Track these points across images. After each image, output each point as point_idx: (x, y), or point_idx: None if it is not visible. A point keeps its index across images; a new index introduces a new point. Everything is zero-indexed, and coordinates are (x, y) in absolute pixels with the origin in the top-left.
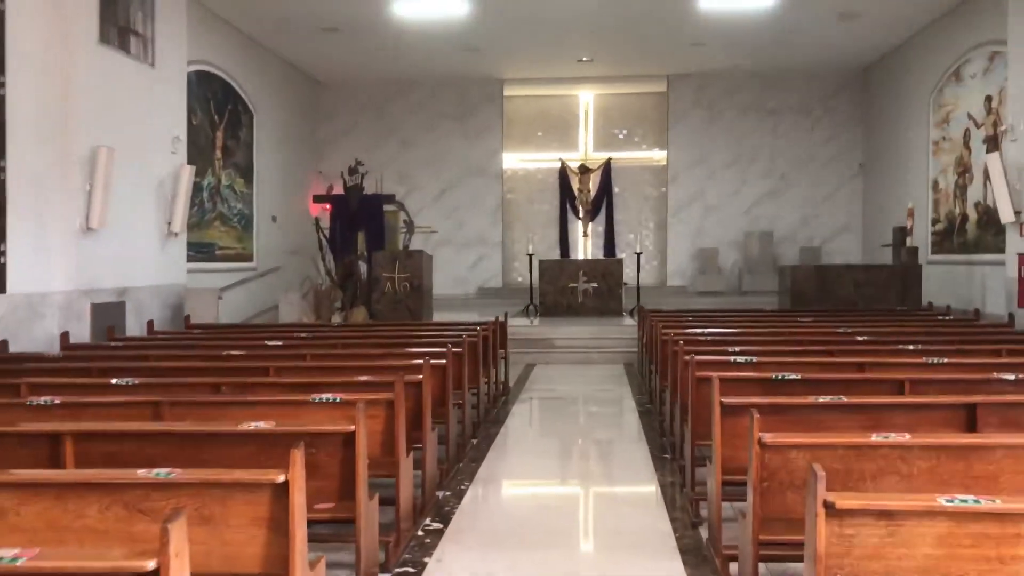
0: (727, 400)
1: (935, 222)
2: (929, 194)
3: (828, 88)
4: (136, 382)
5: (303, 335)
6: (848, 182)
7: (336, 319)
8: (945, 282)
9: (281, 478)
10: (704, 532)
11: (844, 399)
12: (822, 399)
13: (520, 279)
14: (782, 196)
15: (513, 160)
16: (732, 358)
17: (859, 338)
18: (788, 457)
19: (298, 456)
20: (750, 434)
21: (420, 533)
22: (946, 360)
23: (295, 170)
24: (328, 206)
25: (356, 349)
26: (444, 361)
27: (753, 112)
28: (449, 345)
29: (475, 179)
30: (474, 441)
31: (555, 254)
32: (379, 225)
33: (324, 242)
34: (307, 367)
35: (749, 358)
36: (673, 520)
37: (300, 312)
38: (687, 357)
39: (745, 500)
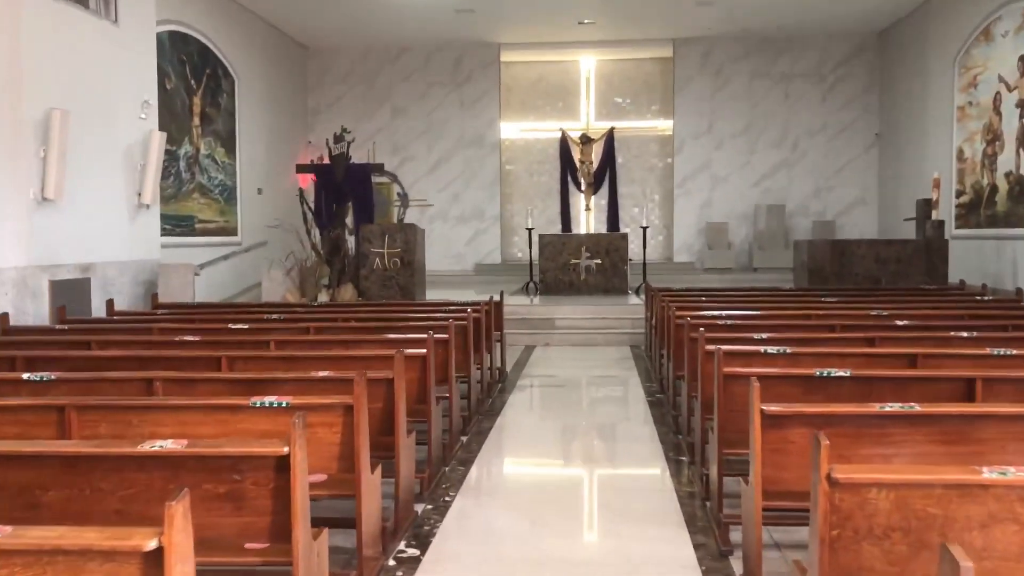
0: (770, 409)
1: (960, 194)
2: (953, 164)
3: (843, 52)
4: (53, 377)
5: (275, 316)
6: (864, 152)
7: (323, 297)
8: (971, 258)
9: (152, 544)
10: (736, 566)
11: (917, 408)
12: (888, 407)
13: (520, 255)
14: (794, 167)
15: (511, 130)
16: (762, 348)
17: (899, 323)
18: (866, 498)
19: (178, 512)
20: (815, 466)
21: (391, 563)
22: (1015, 352)
23: (282, 140)
24: (313, 177)
25: (330, 334)
26: (424, 351)
27: (763, 78)
28: (431, 332)
29: (472, 150)
30: (464, 439)
31: (556, 229)
32: (367, 196)
33: (309, 215)
34: (267, 357)
35: (781, 348)
36: (697, 546)
37: (284, 290)
38: (710, 347)
39: (785, 525)
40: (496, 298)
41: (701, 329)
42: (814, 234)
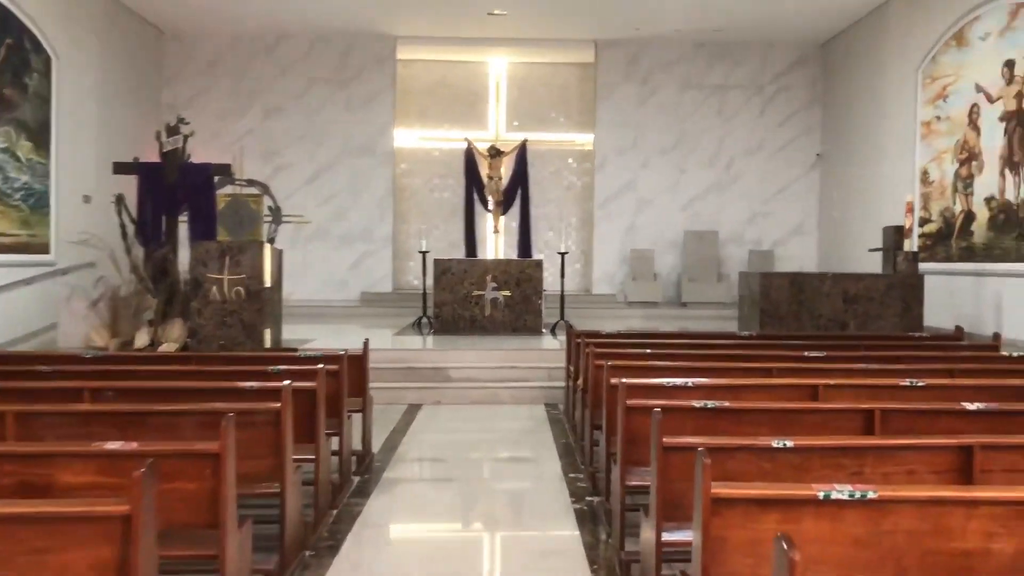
0: None
1: (924, 221)
2: (916, 187)
3: (783, 64)
4: None
5: None
6: (804, 175)
7: (142, 338)
8: (939, 297)
9: None
10: None
11: None
12: None
13: (416, 282)
14: (727, 190)
15: (408, 137)
16: (820, 491)
17: (969, 406)
18: None
19: None
20: None
21: None
22: None
23: (125, 139)
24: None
25: (24, 441)
26: (125, 508)
27: (695, 89)
28: (146, 466)
29: (360, 159)
30: None
31: (460, 253)
32: (207, 205)
33: (130, 227)
34: None
35: (848, 492)
36: None
37: (89, 328)
38: (723, 490)
39: None
40: (349, 351)
41: (702, 453)
42: (750, 265)
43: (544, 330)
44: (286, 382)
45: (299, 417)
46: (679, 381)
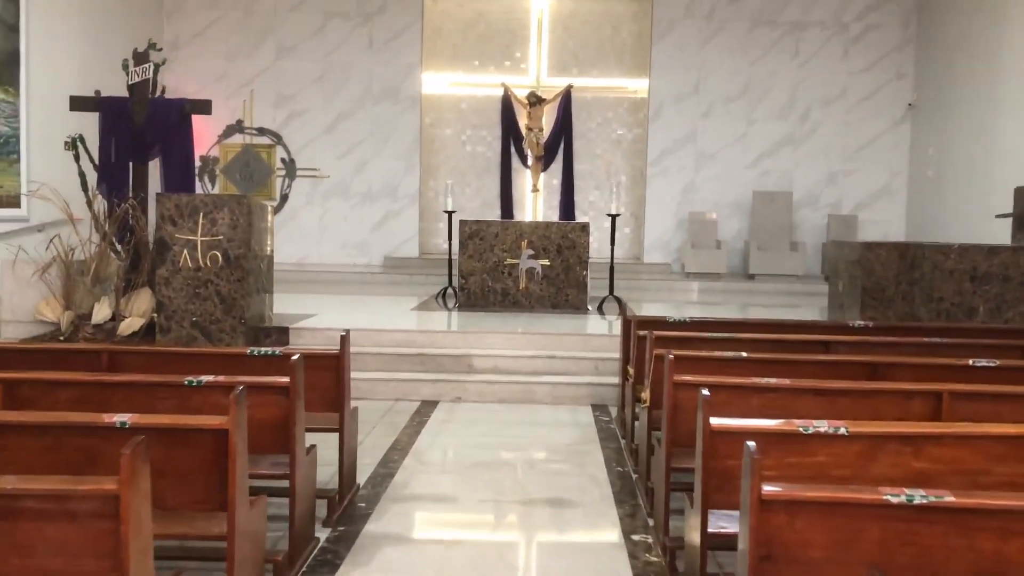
0: None
1: None
2: None
3: None
4: None
5: None
6: (892, 127)
7: (102, 311)
8: None
9: None
10: None
11: None
12: None
13: (445, 246)
14: (803, 144)
15: (438, 82)
16: None
17: None
18: None
19: None
20: None
21: None
22: None
23: (118, 79)
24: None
25: None
26: None
27: (766, 27)
28: None
29: (383, 105)
30: None
31: (495, 214)
32: (182, 149)
33: (89, 177)
34: None
35: None
36: None
37: (40, 298)
38: None
39: None
40: (317, 348)
41: None
42: (830, 232)
43: (590, 307)
44: (140, 437)
45: (206, 467)
46: (823, 427)
